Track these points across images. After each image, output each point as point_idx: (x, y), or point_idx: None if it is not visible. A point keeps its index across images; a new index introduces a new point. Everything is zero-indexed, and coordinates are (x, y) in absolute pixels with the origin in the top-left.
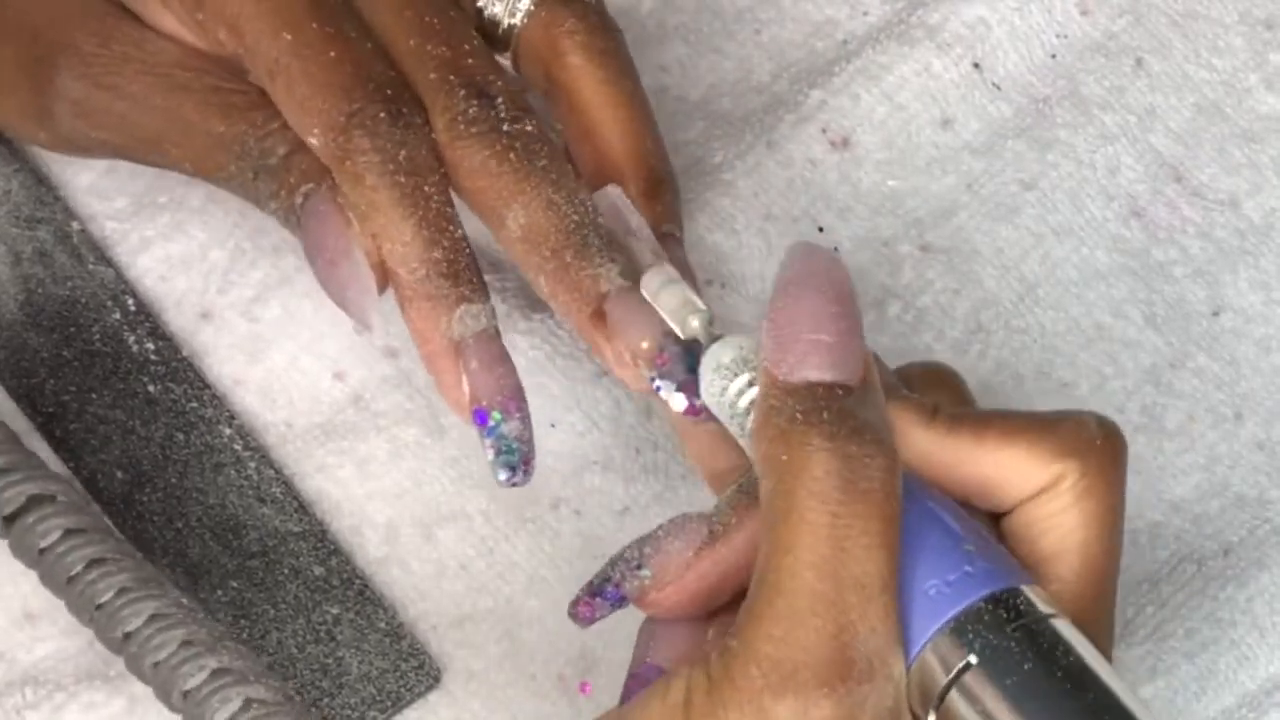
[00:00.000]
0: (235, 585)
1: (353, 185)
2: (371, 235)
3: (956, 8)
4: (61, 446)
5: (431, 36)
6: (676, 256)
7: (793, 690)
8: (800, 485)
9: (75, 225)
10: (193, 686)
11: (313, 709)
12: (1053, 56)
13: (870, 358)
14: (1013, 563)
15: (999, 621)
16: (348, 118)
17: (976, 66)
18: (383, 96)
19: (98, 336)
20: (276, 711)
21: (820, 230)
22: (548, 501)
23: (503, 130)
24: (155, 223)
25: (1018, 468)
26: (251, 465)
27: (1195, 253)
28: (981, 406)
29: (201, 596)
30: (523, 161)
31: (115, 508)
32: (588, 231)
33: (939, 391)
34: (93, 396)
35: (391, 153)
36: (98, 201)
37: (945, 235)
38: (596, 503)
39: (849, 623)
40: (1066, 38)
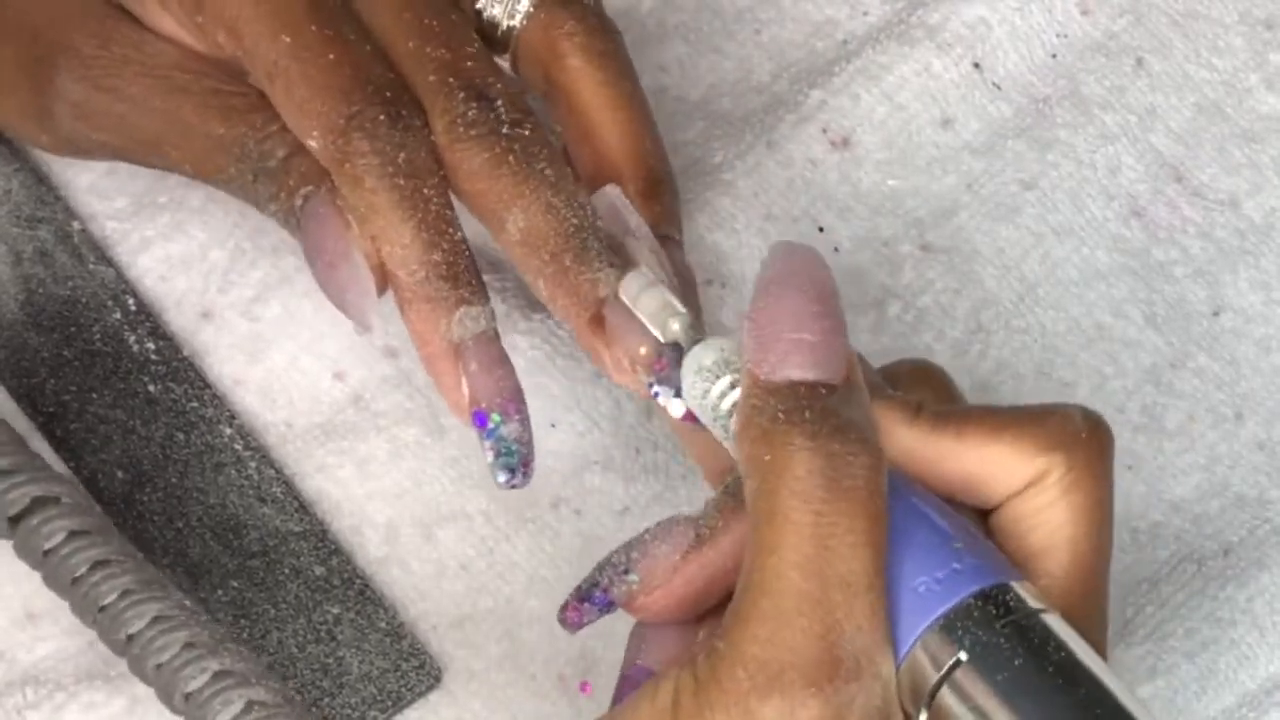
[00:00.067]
0: (236, 585)
1: (352, 187)
2: (371, 237)
3: (957, 8)
4: (62, 446)
5: (431, 39)
6: (675, 258)
7: (779, 691)
8: (783, 485)
9: (76, 225)
10: (195, 689)
11: (313, 709)
12: (1053, 56)
13: (854, 356)
14: (1001, 559)
15: (989, 618)
16: (347, 120)
17: (977, 66)
18: (382, 99)
19: (98, 336)
20: (277, 714)
21: (820, 230)
22: (548, 501)
23: (502, 133)
24: (155, 223)
25: (1003, 463)
26: (252, 465)
27: (1195, 253)
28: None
29: (202, 596)
30: (522, 164)
31: (116, 507)
32: (587, 235)
33: (923, 389)
34: (93, 396)
35: (391, 155)
36: (98, 201)
37: (945, 235)
38: (596, 503)
39: (835, 622)
40: (1067, 37)
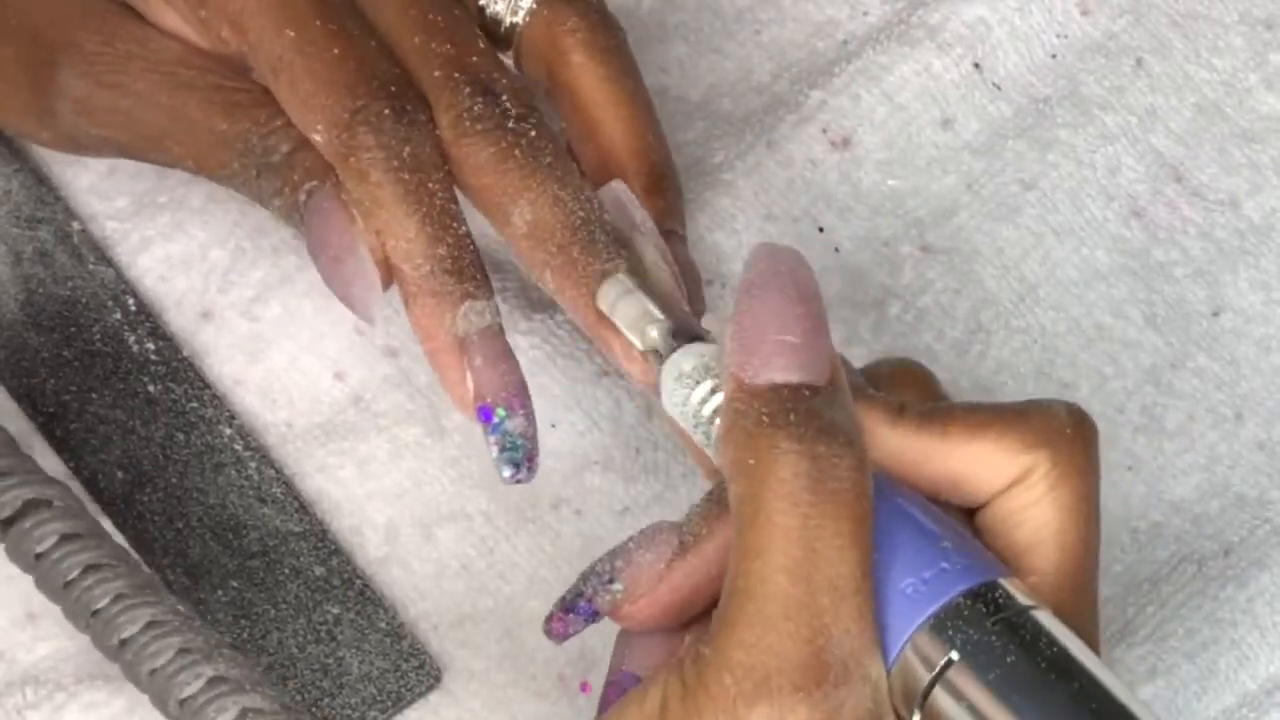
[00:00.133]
0: (236, 585)
1: (357, 182)
2: (375, 232)
3: (957, 8)
4: (62, 446)
5: (436, 34)
6: (679, 254)
7: (766, 697)
8: (768, 488)
9: (76, 225)
10: (189, 695)
11: (313, 709)
12: (1053, 56)
13: (837, 358)
14: (989, 557)
15: (979, 616)
16: (352, 114)
17: (977, 66)
18: (387, 93)
19: (98, 336)
20: None
21: (820, 230)
22: (548, 501)
23: (508, 127)
24: (155, 222)
25: (987, 461)
26: (252, 465)
27: (1195, 253)
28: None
29: (202, 596)
30: (528, 158)
31: (115, 508)
32: (594, 227)
33: (906, 389)
34: (93, 396)
35: (396, 149)
36: (98, 201)
37: (945, 235)
38: (597, 503)
39: (823, 626)
40: (1067, 38)
